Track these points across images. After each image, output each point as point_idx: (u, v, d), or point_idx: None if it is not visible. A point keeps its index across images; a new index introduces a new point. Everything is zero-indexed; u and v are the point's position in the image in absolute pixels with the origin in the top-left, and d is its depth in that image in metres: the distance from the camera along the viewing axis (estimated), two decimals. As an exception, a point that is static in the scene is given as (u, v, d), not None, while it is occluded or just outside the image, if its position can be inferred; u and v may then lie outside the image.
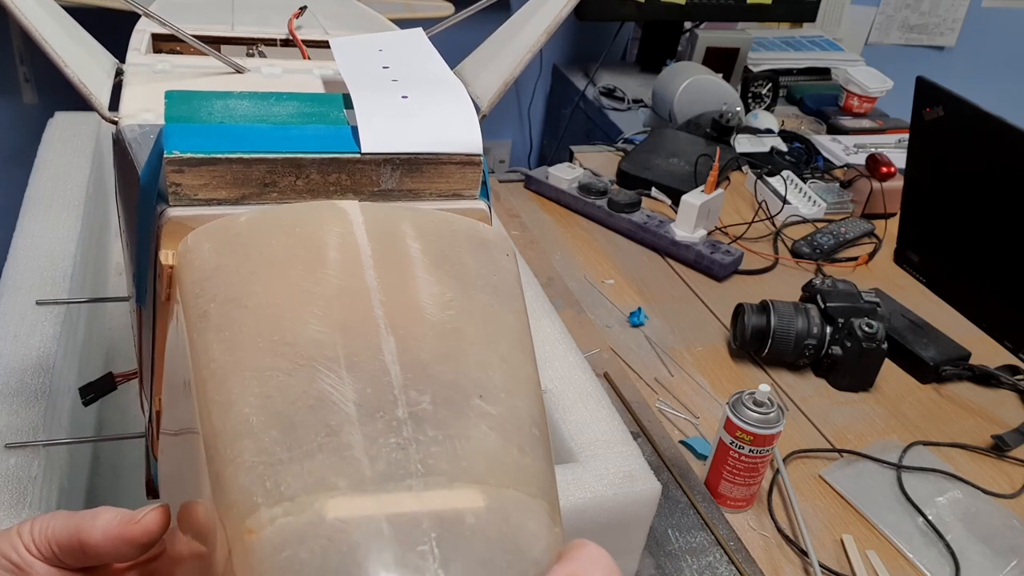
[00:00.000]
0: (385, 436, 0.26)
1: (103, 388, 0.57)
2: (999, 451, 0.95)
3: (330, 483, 0.25)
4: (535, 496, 0.27)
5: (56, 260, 0.74)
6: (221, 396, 0.27)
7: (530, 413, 0.29)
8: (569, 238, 1.27)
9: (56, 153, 0.91)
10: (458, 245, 0.33)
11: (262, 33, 0.57)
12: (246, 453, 0.26)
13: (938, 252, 1.10)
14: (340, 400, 0.27)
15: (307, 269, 0.30)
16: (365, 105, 0.35)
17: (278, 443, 0.26)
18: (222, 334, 0.29)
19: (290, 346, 0.28)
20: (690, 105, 1.52)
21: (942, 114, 1.03)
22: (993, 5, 2.31)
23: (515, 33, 0.44)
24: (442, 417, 0.27)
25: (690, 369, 1.02)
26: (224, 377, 0.28)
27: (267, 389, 0.27)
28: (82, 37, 0.44)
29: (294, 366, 0.27)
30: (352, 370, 0.27)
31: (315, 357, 0.28)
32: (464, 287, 0.31)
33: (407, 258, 0.31)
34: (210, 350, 0.28)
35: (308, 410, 0.26)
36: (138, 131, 0.38)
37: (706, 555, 0.75)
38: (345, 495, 0.25)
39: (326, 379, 0.27)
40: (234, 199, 0.33)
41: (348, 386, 0.27)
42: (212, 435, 0.27)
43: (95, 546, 0.32)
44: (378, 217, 0.32)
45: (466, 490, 0.26)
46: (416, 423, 0.27)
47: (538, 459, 0.28)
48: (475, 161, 0.36)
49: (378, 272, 0.30)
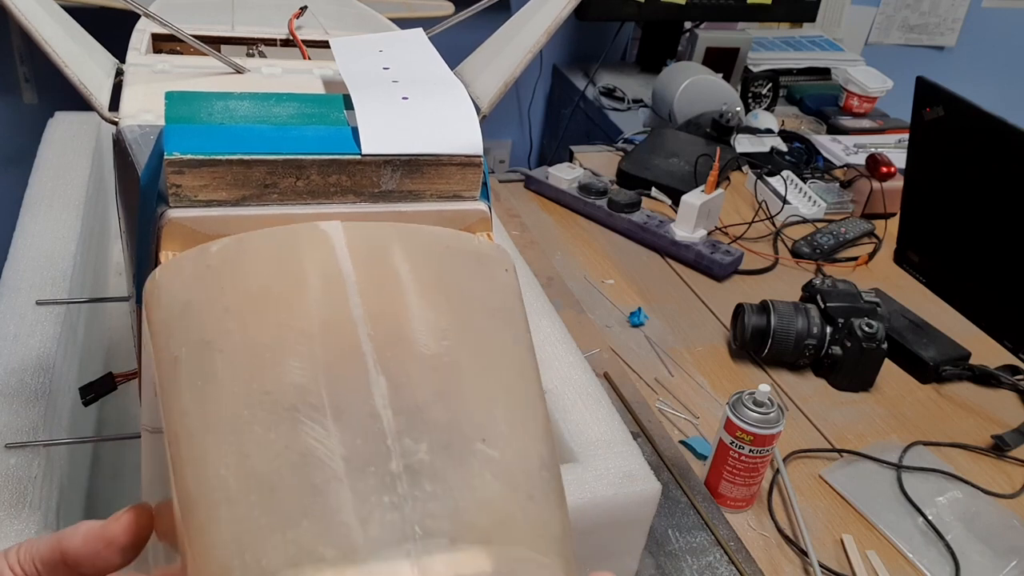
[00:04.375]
0: (378, 494, 0.24)
1: (103, 388, 0.57)
2: (999, 451, 0.95)
3: (317, 554, 0.22)
4: (547, 552, 0.24)
5: (56, 260, 0.74)
6: (195, 455, 0.25)
7: (539, 454, 0.27)
8: (569, 238, 1.27)
9: (56, 153, 0.91)
10: (452, 264, 0.30)
11: (262, 33, 0.57)
12: (222, 522, 0.23)
13: (938, 252, 1.10)
14: (326, 455, 0.24)
15: (286, 303, 0.27)
16: (365, 106, 0.35)
17: (257, 508, 0.23)
18: (195, 382, 0.26)
19: (269, 394, 0.25)
20: (690, 105, 1.52)
21: (942, 114, 1.03)
22: (993, 5, 2.31)
23: (515, 33, 0.44)
24: (440, 468, 0.25)
25: (690, 369, 1.02)
26: (197, 433, 0.25)
27: (245, 446, 0.24)
28: (82, 37, 0.44)
29: (274, 418, 0.25)
30: (339, 419, 0.25)
31: (297, 406, 0.25)
32: (460, 313, 0.29)
33: (396, 283, 0.29)
34: (182, 402, 0.26)
35: (291, 469, 0.24)
36: (138, 131, 0.38)
37: (706, 555, 0.75)
38: (333, 567, 0.22)
39: (310, 431, 0.24)
40: (234, 200, 0.33)
41: (335, 438, 0.24)
42: (186, 500, 0.24)
43: (75, 551, 0.31)
44: (362, 238, 0.30)
45: (470, 552, 0.23)
46: (412, 477, 0.24)
47: (550, 506, 0.26)
48: (475, 162, 0.35)
49: (364, 301, 0.28)
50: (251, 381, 0.26)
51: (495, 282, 0.31)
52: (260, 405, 0.25)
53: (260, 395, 0.25)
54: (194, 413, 0.26)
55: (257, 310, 0.27)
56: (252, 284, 0.28)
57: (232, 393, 0.25)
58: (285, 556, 0.22)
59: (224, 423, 0.25)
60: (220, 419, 0.25)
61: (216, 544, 0.23)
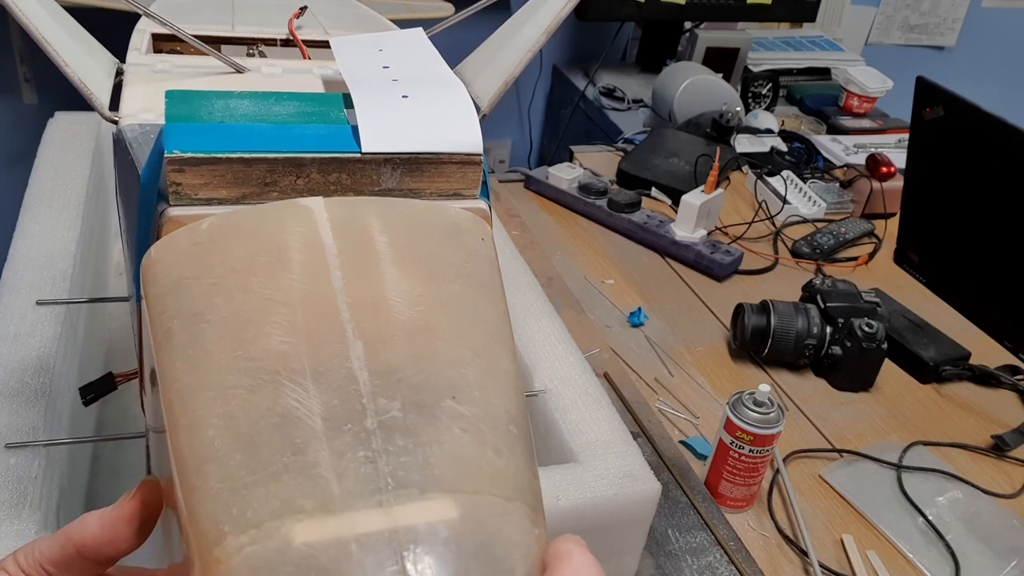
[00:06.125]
0: (353, 450, 0.25)
1: (103, 388, 0.57)
2: (999, 451, 0.95)
3: (297, 506, 0.24)
4: (512, 499, 0.26)
5: (56, 260, 0.74)
6: (186, 418, 0.27)
7: (507, 410, 0.28)
8: (569, 238, 1.27)
9: (56, 153, 0.91)
10: (428, 235, 0.32)
11: (262, 33, 0.57)
12: (211, 479, 0.25)
13: (938, 252, 1.10)
14: (306, 415, 0.26)
15: (269, 275, 0.29)
16: (365, 105, 0.35)
17: (243, 466, 0.25)
18: (185, 352, 0.28)
19: (253, 360, 0.27)
20: (690, 105, 1.52)
21: (942, 114, 1.03)
22: (993, 5, 2.31)
23: (515, 33, 0.44)
24: (412, 424, 0.26)
25: (690, 369, 1.02)
26: (188, 398, 0.27)
27: (230, 409, 0.26)
28: (82, 37, 0.44)
29: (257, 382, 0.26)
30: (318, 381, 0.26)
31: (279, 371, 0.27)
32: (434, 279, 0.30)
33: (374, 254, 0.30)
34: (175, 369, 0.28)
35: (273, 428, 0.25)
36: (138, 131, 0.38)
37: (706, 555, 0.75)
38: (312, 517, 0.24)
39: (291, 393, 0.26)
40: (234, 199, 0.33)
41: (314, 399, 0.26)
42: (180, 459, 0.26)
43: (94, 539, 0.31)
44: (343, 213, 0.31)
45: (438, 501, 0.25)
46: (386, 433, 0.26)
47: (516, 458, 0.27)
48: (475, 160, 0.35)
49: (344, 272, 0.29)
50: (236, 349, 0.27)
51: (470, 250, 0.32)
52: (245, 371, 0.27)
53: (245, 362, 0.27)
54: (185, 380, 0.27)
55: (242, 284, 0.29)
56: (238, 258, 0.29)
57: (219, 361, 0.27)
58: (269, 509, 0.24)
59: (212, 388, 0.27)
60: (208, 385, 0.27)
61: (206, 499, 0.25)
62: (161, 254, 0.31)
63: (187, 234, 0.31)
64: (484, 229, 0.34)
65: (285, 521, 0.24)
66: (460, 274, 0.31)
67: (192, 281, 0.29)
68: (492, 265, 0.33)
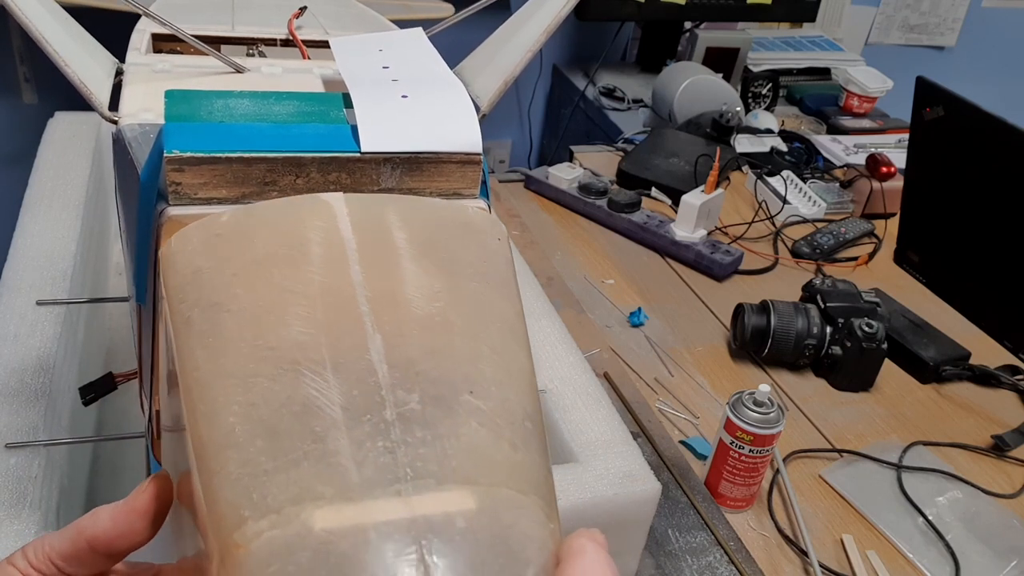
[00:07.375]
0: (372, 440, 0.26)
1: (103, 388, 0.57)
2: (999, 451, 0.95)
3: (316, 492, 0.24)
4: (528, 493, 0.26)
5: (56, 260, 0.74)
6: (206, 405, 0.27)
7: (522, 405, 0.29)
8: (569, 238, 1.27)
9: (56, 153, 0.91)
10: (446, 232, 0.32)
11: (262, 33, 0.57)
12: (231, 464, 0.25)
13: (938, 252, 1.10)
14: (326, 404, 0.26)
15: (290, 268, 0.29)
16: (365, 104, 0.35)
17: (263, 453, 0.25)
18: (205, 340, 0.28)
19: (274, 350, 0.27)
20: (690, 105, 1.52)
21: (942, 114, 1.03)
22: (993, 5, 2.31)
23: (515, 33, 0.44)
24: (431, 416, 0.26)
25: (690, 369, 1.02)
26: (208, 385, 0.27)
27: (251, 396, 0.26)
28: (82, 37, 0.44)
29: (278, 371, 0.27)
30: (338, 372, 0.27)
31: (299, 360, 0.27)
32: (452, 276, 0.31)
33: (393, 250, 0.31)
34: (194, 357, 0.28)
35: (293, 417, 0.26)
36: (138, 130, 0.38)
37: (706, 555, 0.75)
38: (332, 504, 0.24)
39: (311, 383, 0.27)
40: (234, 198, 0.33)
41: (334, 389, 0.26)
42: (199, 445, 0.26)
43: (106, 533, 0.31)
44: (363, 208, 0.32)
45: (456, 492, 0.25)
46: (404, 424, 0.26)
47: (531, 453, 0.28)
48: (475, 160, 0.36)
49: (364, 267, 0.30)
50: (257, 339, 0.28)
51: (486, 249, 0.33)
52: (265, 360, 0.27)
53: (265, 351, 0.27)
54: (205, 368, 0.27)
55: (263, 275, 0.29)
56: (258, 251, 0.30)
57: (239, 349, 0.27)
58: (288, 494, 0.24)
59: (232, 376, 0.27)
60: (229, 372, 0.27)
61: (225, 485, 0.25)
62: (181, 245, 0.31)
63: (207, 226, 0.31)
64: (500, 229, 0.34)
65: (305, 507, 0.24)
66: (477, 272, 0.31)
67: (213, 272, 0.29)
68: (508, 264, 0.33)
